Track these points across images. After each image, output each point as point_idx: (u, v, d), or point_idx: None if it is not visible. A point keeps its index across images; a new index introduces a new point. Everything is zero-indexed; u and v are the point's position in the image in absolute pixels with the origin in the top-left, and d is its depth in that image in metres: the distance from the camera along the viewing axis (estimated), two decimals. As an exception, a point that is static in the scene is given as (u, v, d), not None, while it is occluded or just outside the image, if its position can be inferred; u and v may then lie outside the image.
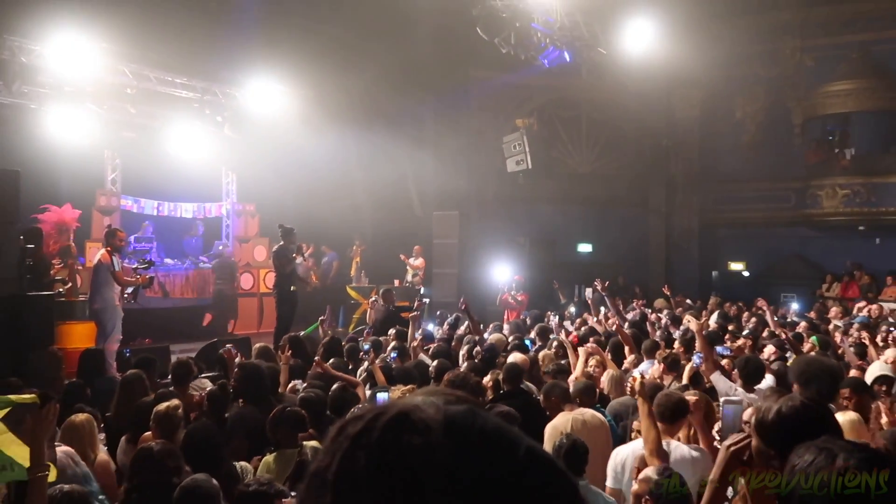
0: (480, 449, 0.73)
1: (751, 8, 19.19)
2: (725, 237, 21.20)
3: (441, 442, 0.73)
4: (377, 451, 0.73)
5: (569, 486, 0.77)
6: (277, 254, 11.81)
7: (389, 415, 0.76)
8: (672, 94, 20.24)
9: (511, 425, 0.80)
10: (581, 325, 11.48)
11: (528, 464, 0.75)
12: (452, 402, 1.58)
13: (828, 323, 12.03)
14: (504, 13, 12.59)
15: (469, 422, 0.76)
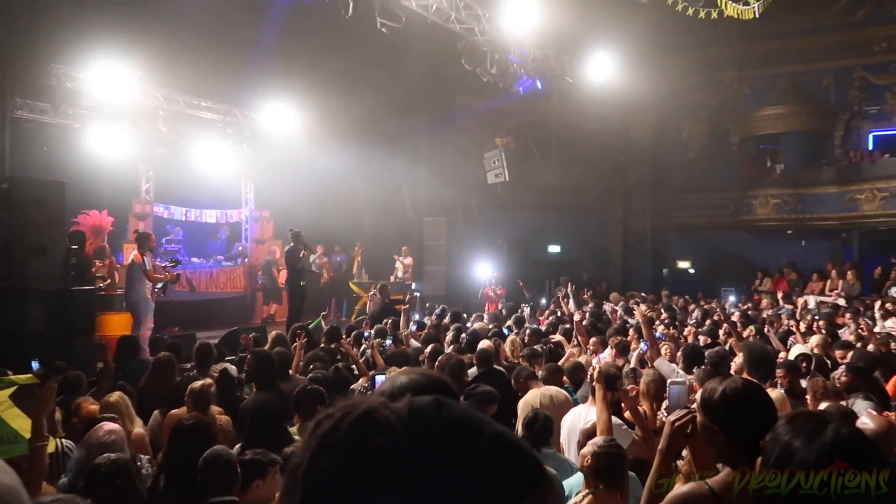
0: (443, 439, 0.68)
1: (696, 44, 19.22)
2: (674, 239, 21.20)
3: (403, 439, 0.68)
4: (341, 452, 0.69)
5: (532, 464, 0.72)
6: (288, 253, 12.02)
7: (355, 414, 0.71)
8: (628, 117, 20.27)
9: (482, 408, 0.74)
10: (549, 315, 11.48)
11: (490, 447, 0.69)
12: (429, 382, 1.54)
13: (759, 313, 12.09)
14: (485, 47, 12.58)
15: (433, 413, 0.71)
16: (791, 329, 9.12)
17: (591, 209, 20.51)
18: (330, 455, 0.69)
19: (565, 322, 9.78)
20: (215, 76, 13.30)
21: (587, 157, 20.61)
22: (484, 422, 0.72)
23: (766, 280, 18.44)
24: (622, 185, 20.90)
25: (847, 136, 19.45)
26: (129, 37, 11.14)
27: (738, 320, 9.34)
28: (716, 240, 20.41)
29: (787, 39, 19.49)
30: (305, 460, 0.70)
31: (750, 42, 19.68)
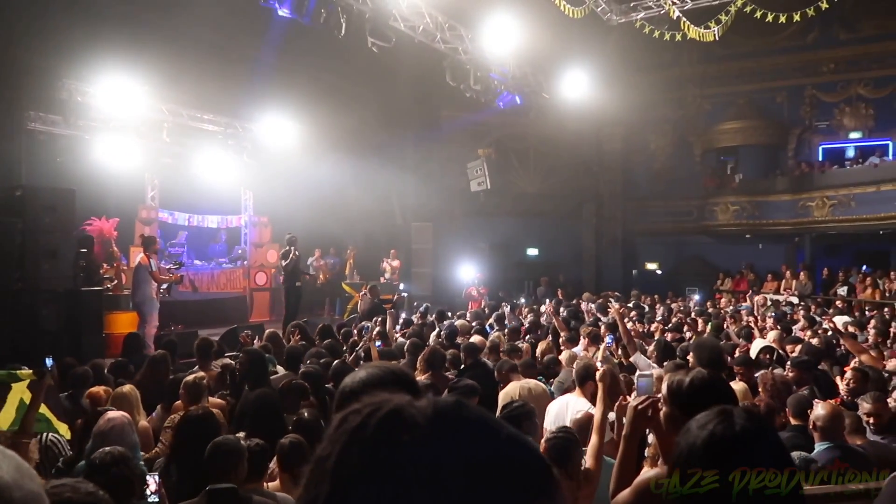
0: (465, 439, 0.67)
1: (661, 64, 19.37)
2: (643, 243, 21.30)
3: (428, 437, 0.67)
4: (370, 447, 0.67)
5: (544, 465, 0.71)
6: (282, 256, 12.06)
7: (384, 411, 0.70)
8: (600, 130, 20.35)
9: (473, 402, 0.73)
10: (529, 313, 11.49)
11: (508, 447, 0.69)
12: (385, 374, 1.53)
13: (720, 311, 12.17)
14: (468, 65, 12.60)
15: (455, 413, 0.69)
16: (751, 325, 9.20)
17: (567, 215, 20.56)
18: (359, 450, 0.67)
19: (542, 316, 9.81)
20: (217, 91, 13.23)
21: (563, 167, 20.68)
22: (500, 423, 0.72)
23: (726, 280, 18.60)
24: (595, 192, 20.98)
25: (799, 148, 19.67)
26: (136, 53, 11.05)
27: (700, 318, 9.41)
28: (681, 243, 20.53)
29: (744, 60, 19.69)
30: (335, 453, 0.69)
31: (710, 62, 19.86)
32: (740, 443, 1.27)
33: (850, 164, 17.83)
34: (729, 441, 1.28)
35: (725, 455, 1.26)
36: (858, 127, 18.96)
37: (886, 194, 16.05)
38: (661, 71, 19.73)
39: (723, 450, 1.27)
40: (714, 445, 1.28)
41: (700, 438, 1.31)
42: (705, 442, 1.30)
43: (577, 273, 20.41)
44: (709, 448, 1.28)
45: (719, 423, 1.32)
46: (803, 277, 16.78)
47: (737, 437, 1.28)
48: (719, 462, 1.25)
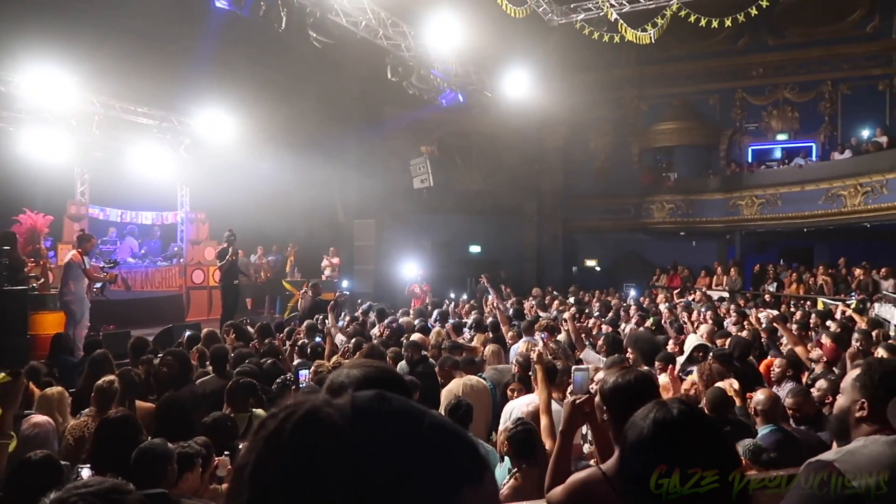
0: (386, 433, 0.66)
1: (601, 65, 19.72)
2: (582, 240, 21.66)
3: (346, 437, 0.65)
4: (286, 452, 0.65)
5: (470, 448, 0.70)
6: (218, 253, 11.78)
7: (299, 414, 0.67)
8: (542, 129, 20.58)
9: (413, 397, 0.72)
10: (471, 310, 11.55)
11: (431, 436, 0.67)
12: (371, 373, 1.51)
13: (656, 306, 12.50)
14: (410, 62, 12.56)
15: (375, 408, 0.68)
16: (683, 321, 9.49)
17: (509, 212, 20.74)
18: (275, 456, 0.65)
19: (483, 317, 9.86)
20: (152, 83, 12.79)
21: (505, 165, 20.84)
22: (423, 412, 0.70)
23: (662, 276, 19.13)
24: (536, 190, 21.23)
25: (730, 149, 20.40)
26: (65, 43, 10.57)
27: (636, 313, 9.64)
28: (619, 240, 20.99)
29: (679, 63, 20.27)
30: (251, 461, 0.66)
31: (648, 65, 20.36)
32: (680, 425, 1.37)
33: (778, 165, 18.60)
34: (670, 424, 1.37)
35: (669, 438, 1.35)
36: (785, 129, 19.79)
37: (810, 194, 16.82)
38: (600, 72, 20.09)
39: (666, 433, 1.36)
40: (658, 431, 1.37)
41: (645, 428, 1.39)
42: (650, 429, 1.38)
43: (518, 269, 20.61)
44: (655, 434, 1.36)
45: (658, 411, 1.41)
46: (734, 273, 17.41)
47: (676, 420, 1.37)
48: (665, 446, 1.35)
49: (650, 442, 1.36)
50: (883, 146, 16.13)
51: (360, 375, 1.49)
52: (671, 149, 20.65)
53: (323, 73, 15.06)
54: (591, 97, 20.38)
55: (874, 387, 1.86)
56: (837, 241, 17.58)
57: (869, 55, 18.61)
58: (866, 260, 15.67)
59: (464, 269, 19.11)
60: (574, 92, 19.35)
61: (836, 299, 13.47)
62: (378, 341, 7.19)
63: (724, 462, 1.34)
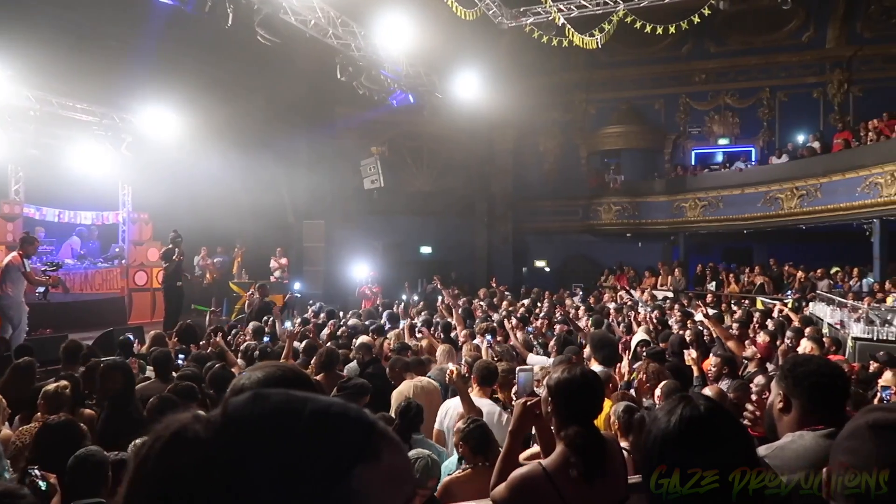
0: (260, 434, 0.63)
1: (550, 68, 19.98)
2: (532, 241, 21.88)
3: (213, 450, 0.62)
4: (153, 480, 0.62)
5: (360, 426, 0.67)
6: (163, 254, 11.50)
7: (165, 437, 0.64)
8: (492, 131, 20.73)
9: (356, 399, 0.70)
10: (422, 310, 11.54)
11: (311, 425, 0.64)
12: (273, 373, 1.49)
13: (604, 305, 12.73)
14: (360, 62, 12.50)
15: (248, 411, 0.65)
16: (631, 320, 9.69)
17: (459, 214, 20.83)
18: (144, 484, 0.63)
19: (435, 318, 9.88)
20: (92, 79, 12.36)
21: (455, 166, 20.92)
22: (304, 402, 0.67)
23: (609, 277, 19.50)
24: (487, 192, 21.37)
25: (675, 153, 20.96)
26: (-2, 35, 10.14)
27: (584, 313, 9.80)
28: (567, 242, 21.28)
29: (626, 68, 20.72)
30: (125, 491, 0.64)
31: (595, 69, 20.74)
32: (708, 421, 1.37)
33: (719, 169, 19.18)
34: (698, 421, 1.37)
35: (697, 434, 1.35)
36: (726, 134, 20.44)
37: (749, 196, 17.42)
38: (549, 75, 20.36)
39: (694, 430, 1.36)
40: (686, 427, 1.36)
41: (672, 423, 1.38)
42: (677, 426, 1.37)
43: (469, 271, 20.72)
44: (683, 430, 1.36)
45: (685, 406, 1.40)
46: (678, 274, 17.88)
47: (703, 417, 1.37)
48: (693, 443, 1.35)
49: (675, 439, 1.36)
50: (817, 151, 16.83)
51: (262, 377, 1.48)
52: (618, 152, 21.07)
53: (272, 72, 14.85)
54: (540, 100, 20.62)
55: (791, 380, 1.94)
56: (775, 242, 18.24)
57: (804, 64, 19.40)
58: (802, 261, 16.35)
59: (415, 270, 19.10)
60: (523, 95, 19.55)
61: (775, 298, 13.99)
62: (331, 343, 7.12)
63: (747, 460, 1.35)
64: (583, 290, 17.12)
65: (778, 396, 2.00)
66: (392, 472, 0.67)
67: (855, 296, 12.81)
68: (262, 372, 1.52)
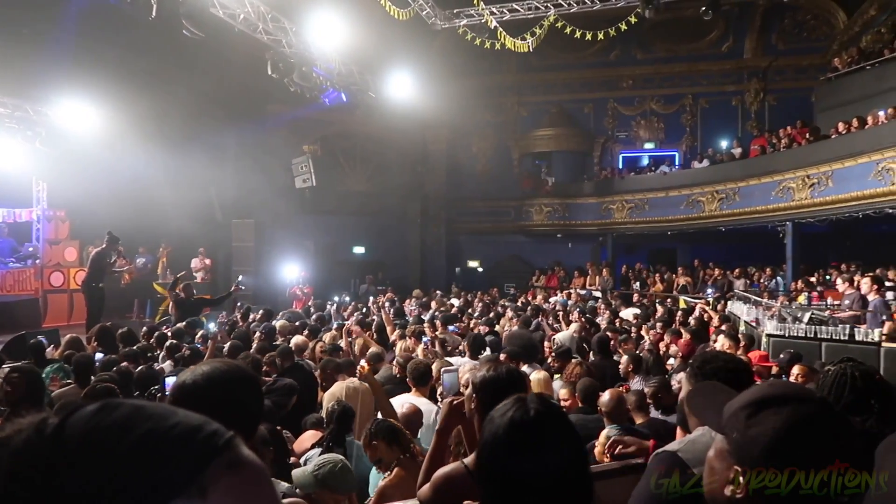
0: (80, 449, 0.59)
1: (483, 70, 20.22)
2: (465, 241, 22.06)
3: (34, 461, 0.59)
4: None
5: (196, 459, 0.62)
6: (99, 255, 10.96)
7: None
8: (425, 132, 20.81)
9: (284, 401, 0.65)
10: (353, 311, 11.48)
11: (138, 447, 0.60)
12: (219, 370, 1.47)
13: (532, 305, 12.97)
14: (292, 58, 12.30)
15: (84, 422, 0.61)
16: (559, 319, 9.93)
17: (393, 214, 20.80)
18: None
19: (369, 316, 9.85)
20: (3, 70, 11.68)
21: (389, 166, 20.88)
22: (145, 420, 0.62)
23: (540, 277, 19.88)
24: (420, 192, 21.42)
25: (603, 156, 21.56)
26: None
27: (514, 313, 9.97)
28: (500, 242, 21.56)
29: (556, 72, 21.18)
30: None
31: (527, 72, 21.12)
32: (536, 425, 1.38)
33: (645, 172, 19.84)
34: (526, 424, 1.39)
35: (523, 438, 1.37)
36: (651, 138, 21.18)
37: (673, 199, 18.10)
38: (482, 77, 20.60)
39: (521, 433, 1.37)
40: (513, 430, 1.38)
41: (501, 426, 1.40)
42: (505, 428, 1.39)
43: (402, 271, 20.72)
44: (509, 433, 1.38)
45: (517, 409, 1.42)
46: (605, 274, 18.39)
47: (532, 420, 1.39)
48: (519, 445, 1.36)
49: (503, 442, 1.38)
50: (736, 157, 17.65)
51: (207, 371, 1.47)
52: (549, 154, 21.50)
53: (199, 66, 14.41)
54: (473, 102, 20.85)
55: (700, 377, 2.05)
56: (697, 243, 19.02)
57: (724, 73, 20.32)
58: (722, 261, 17.11)
59: (348, 270, 18.95)
60: (457, 96, 19.71)
61: (696, 297, 14.59)
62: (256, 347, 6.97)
63: (575, 461, 1.38)
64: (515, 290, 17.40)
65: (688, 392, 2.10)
66: (249, 482, 0.63)
67: (770, 294, 13.49)
68: (209, 366, 1.51)
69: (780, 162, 15.52)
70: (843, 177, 13.53)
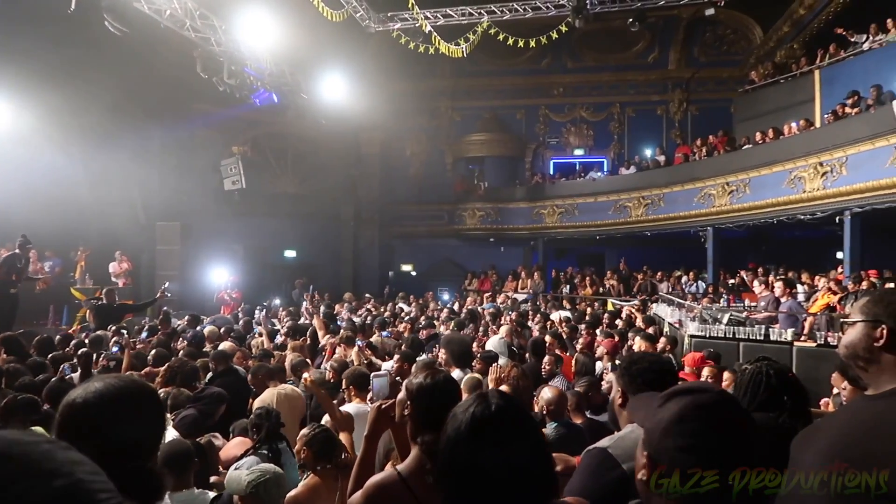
0: None
1: (417, 74, 20.25)
2: (398, 245, 22.02)
3: None
4: None
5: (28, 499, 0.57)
6: (8, 259, 10.31)
7: None
8: (359, 135, 20.68)
9: (212, 409, 0.61)
10: (286, 316, 11.29)
11: None
12: (116, 386, 1.38)
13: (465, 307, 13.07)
14: (221, 57, 12.01)
15: None
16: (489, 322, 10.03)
17: (325, 217, 20.56)
18: None
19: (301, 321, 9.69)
20: None
21: (322, 169, 20.63)
22: (7, 476, 0.58)
23: (473, 280, 20.03)
24: (353, 195, 21.25)
25: (535, 161, 21.96)
26: None
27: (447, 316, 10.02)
28: (433, 246, 21.61)
29: (489, 78, 21.44)
30: None
31: (461, 77, 21.30)
32: (497, 419, 1.42)
33: (575, 178, 20.32)
34: (488, 419, 1.42)
35: (486, 432, 1.40)
36: (581, 145, 21.72)
37: (601, 204, 18.61)
38: (416, 81, 20.64)
39: (484, 427, 1.41)
40: (476, 425, 1.42)
41: (464, 422, 1.43)
42: (468, 423, 1.42)
43: (335, 275, 20.49)
44: (472, 428, 1.41)
45: (478, 405, 1.46)
46: (537, 277, 18.71)
47: (493, 414, 1.43)
48: (482, 439, 1.39)
49: (465, 436, 1.40)
50: (660, 164, 18.30)
51: (100, 389, 1.38)
52: (482, 159, 21.75)
53: (123, 61, 13.84)
54: (407, 105, 20.87)
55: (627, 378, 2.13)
56: (625, 247, 19.60)
57: (650, 83, 21.06)
58: (648, 265, 17.70)
59: (279, 274, 18.60)
60: (391, 99, 19.69)
61: (623, 300, 15.03)
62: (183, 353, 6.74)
63: (536, 454, 1.41)
64: (448, 293, 17.48)
65: (617, 392, 2.18)
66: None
67: (693, 297, 14.04)
68: (102, 383, 1.41)
69: (702, 169, 16.18)
70: (760, 184, 14.23)
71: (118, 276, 14.31)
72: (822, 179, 12.52)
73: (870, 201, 11.61)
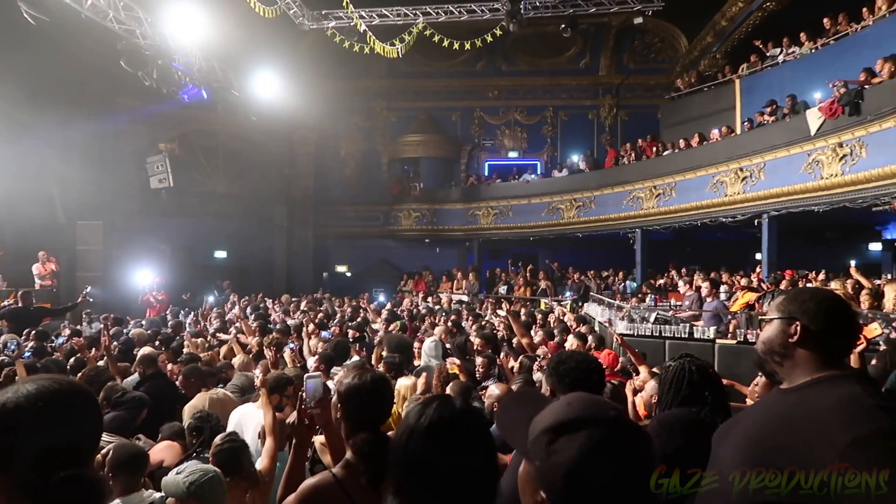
0: None
1: (352, 74, 20.09)
2: (333, 246, 21.78)
3: None
4: None
5: None
6: None
7: None
8: (293, 133, 20.37)
9: (134, 414, 0.59)
10: (217, 317, 10.99)
11: None
12: (48, 387, 1.30)
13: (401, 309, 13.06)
14: (147, 51, 11.59)
15: None
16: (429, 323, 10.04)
17: (258, 217, 20.13)
18: None
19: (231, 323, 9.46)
20: None
21: (254, 168, 20.20)
22: None
23: (409, 281, 20.02)
24: (287, 195, 20.90)
25: (470, 163, 22.14)
26: None
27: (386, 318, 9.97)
28: (368, 247, 21.49)
29: (425, 79, 21.48)
30: None
31: (396, 78, 21.26)
32: (459, 421, 1.43)
33: (509, 180, 20.59)
34: (448, 421, 1.42)
35: (447, 434, 1.40)
36: (515, 147, 22.03)
37: (535, 206, 18.93)
38: (351, 81, 20.48)
39: (445, 429, 1.41)
40: (437, 426, 1.41)
41: (424, 424, 1.42)
42: (429, 425, 1.42)
43: (268, 276, 20.10)
44: (433, 429, 1.41)
45: (438, 406, 1.46)
46: (472, 278, 18.85)
47: (455, 417, 1.43)
48: (442, 440, 1.39)
49: (424, 435, 1.40)
50: (591, 167, 18.75)
51: (33, 391, 1.29)
52: (418, 160, 21.77)
53: (42, 51, 13.18)
54: (342, 105, 20.69)
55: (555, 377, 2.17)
56: (557, 248, 19.99)
57: (581, 88, 21.55)
58: (580, 266, 18.10)
59: (208, 275, 18.07)
60: (325, 98, 19.47)
61: (555, 300, 15.32)
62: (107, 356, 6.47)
63: (490, 458, 1.43)
64: (384, 295, 17.40)
65: (547, 391, 2.22)
66: None
67: (622, 297, 14.45)
68: (34, 385, 1.31)
69: (631, 173, 16.68)
70: (685, 188, 14.79)
71: (43, 277, 13.57)
72: (742, 184, 13.12)
73: (785, 205, 12.24)
